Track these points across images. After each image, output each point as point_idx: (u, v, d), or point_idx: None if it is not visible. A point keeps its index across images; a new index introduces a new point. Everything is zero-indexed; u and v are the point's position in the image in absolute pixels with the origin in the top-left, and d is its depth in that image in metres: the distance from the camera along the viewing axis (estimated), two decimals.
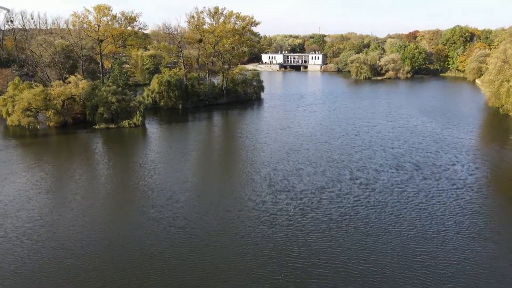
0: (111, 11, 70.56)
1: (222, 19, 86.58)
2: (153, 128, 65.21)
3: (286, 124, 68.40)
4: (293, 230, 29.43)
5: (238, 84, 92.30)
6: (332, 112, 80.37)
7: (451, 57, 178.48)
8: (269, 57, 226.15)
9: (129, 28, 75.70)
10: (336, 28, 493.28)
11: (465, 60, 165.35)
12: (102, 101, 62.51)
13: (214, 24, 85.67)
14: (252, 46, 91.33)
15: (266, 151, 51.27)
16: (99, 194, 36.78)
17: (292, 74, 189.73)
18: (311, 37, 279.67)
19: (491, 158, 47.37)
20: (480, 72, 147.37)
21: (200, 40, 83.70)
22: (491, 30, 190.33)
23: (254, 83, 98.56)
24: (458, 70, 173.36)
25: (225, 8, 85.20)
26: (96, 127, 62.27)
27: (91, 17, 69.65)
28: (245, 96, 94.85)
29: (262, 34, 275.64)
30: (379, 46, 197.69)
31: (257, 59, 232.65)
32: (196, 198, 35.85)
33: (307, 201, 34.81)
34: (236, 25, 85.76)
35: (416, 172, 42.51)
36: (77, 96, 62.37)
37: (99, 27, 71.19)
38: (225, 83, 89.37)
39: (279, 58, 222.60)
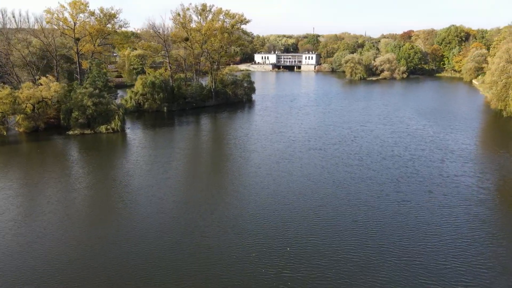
0: (88, 7, 65.32)
1: (210, 17, 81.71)
2: (133, 134, 60.17)
3: (278, 128, 63.78)
4: (281, 265, 24.75)
5: (227, 86, 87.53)
6: (326, 115, 75.93)
7: (447, 57, 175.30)
8: (262, 57, 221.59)
9: (109, 26, 70.34)
10: (330, 28, 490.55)
11: (461, 60, 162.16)
12: (77, 104, 57.35)
13: (201, 22, 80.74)
14: (242, 45, 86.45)
15: (255, 160, 46.58)
16: (57, 214, 31.80)
17: (286, 75, 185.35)
18: (305, 37, 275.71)
19: (501, 168, 43.14)
20: (477, 73, 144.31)
21: (187, 39, 78.73)
22: (486, 30, 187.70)
23: (245, 84, 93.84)
24: (454, 70, 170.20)
25: (213, 5, 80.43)
26: (70, 133, 57.11)
27: (66, 14, 64.42)
28: (235, 98, 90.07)
29: (255, 34, 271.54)
30: (373, 46, 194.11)
31: (250, 59, 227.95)
32: (170, 220, 31.02)
33: (298, 224, 30.16)
34: (225, 23, 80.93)
35: (420, 185, 38.09)
36: (49, 99, 57.11)
37: (75, 24, 65.87)
38: (213, 84, 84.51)
39: (272, 58, 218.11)
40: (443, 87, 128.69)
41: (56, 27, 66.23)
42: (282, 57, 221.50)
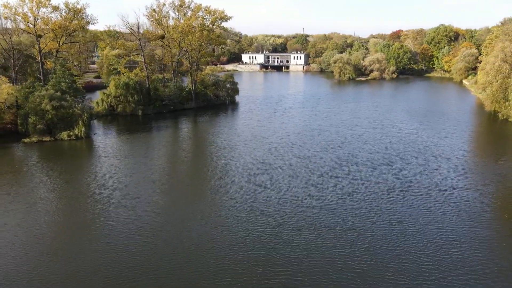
0: (50, 1, 59.33)
1: (189, 13, 76.28)
2: (100, 141, 54.48)
3: (259, 133, 58.76)
4: None
5: (208, 87, 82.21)
6: (312, 118, 71.22)
7: (436, 57, 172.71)
8: (250, 57, 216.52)
9: (75, 22, 64.32)
10: (319, 29, 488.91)
11: (450, 60, 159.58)
12: (34, 108, 51.50)
13: (180, 19, 75.30)
14: (222, 44, 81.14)
15: (230, 171, 41.49)
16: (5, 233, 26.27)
17: (274, 75, 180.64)
18: (294, 37, 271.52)
19: (504, 179, 38.83)
20: (467, 73, 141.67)
21: (162, 37, 73.23)
22: (475, 30, 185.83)
23: (228, 85, 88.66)
24: (443, 70, 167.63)
25: (192, 1, 75.00)
26: (26, 140, 51.19)
27: (26, 8, 58.31)
28: (217, 100, 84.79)
29: (243, 34, 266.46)
30: (362, 45, 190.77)
31: (237, 59, 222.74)
32: (114, 254, 25.75)
33: (275, 256, 25.18)
34: (204, 20, 75.64)
35: (415, 200, 33.45)
36: (2, 102, 51.13)
37: (36, 20, 59.86)
38: (193, 85, 79.11)
39: (260, 58, 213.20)
40: (434, 88, 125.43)
41: (14, 23, 60.12)
42: (270, 57, 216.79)
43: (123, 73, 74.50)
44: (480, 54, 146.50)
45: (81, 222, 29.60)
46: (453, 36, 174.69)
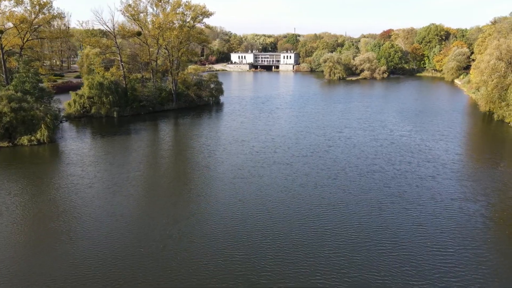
0: None
1: (169, 8, 71.73)
2: (66, 146, 49.70)
3: (241, 136, 54.59)
4: None
5: (190, 87, 77.76)
6: (299, 119, 67.29)
7: (427, 56, 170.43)
8: (239, 56, 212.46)
9: (40, 16, 59.47)
10: (311, 29, 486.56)
11: (442, 59, 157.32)
12: None
13: (159, 14, 70.69)
14: (204, 42, 76.72)
15: (203, 181, 37.22)
16: None
17: (263, 75, 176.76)
18: (285, 36, 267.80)
19: (505, 187, 35.18)
20: (459, 72, 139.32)
21: (139, 34, 68.60)
22: (466, 29, 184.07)
23: (212, 85, 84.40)
24: (435, 70, 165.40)
25: None
26: None
27: None
28: (200, 101, 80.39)
29: (233, 33, 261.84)
30: (353, 45, 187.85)
31: (226, 58, 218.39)
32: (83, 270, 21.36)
33: (242, 280, 21.03)
34: (185, 16, 71.19)
35: (408, 215, 29.54)
36: None
37: None
38: (173, 85, 74.60)
39: (250, 58, 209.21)
40: (426, 87, 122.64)
41: None
42: (260, 56, 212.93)
43: (98, 72, 69.71)
44: (472, 53, 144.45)
45: (33, 240, 25.11)
46: (444, 36, 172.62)
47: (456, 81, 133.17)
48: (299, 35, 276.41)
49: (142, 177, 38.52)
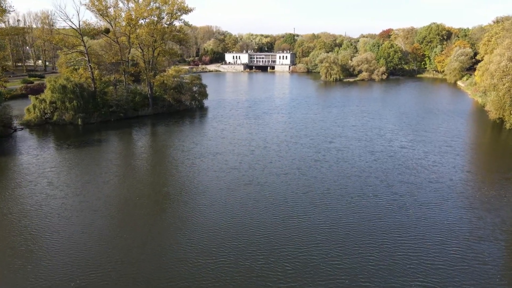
0: None
1: (145, 3, 64.53)
2: (15, 159, 42.58)
3: (216, 147, 47.46)
4: None
5: (168, 91, 70.57)
6: (287, 126, 60.21)
7: (428, 56, 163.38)
8: (234, 56, 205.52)
9: None
10: (310, 28, 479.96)
11: (443, 60, 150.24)
12: None
13: (131, 11, 63.49)
14: (182, 41, 69.51)
15: (156, 209, 30.04)
16: None
17: (258, 76, 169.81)
18: (283, 36, 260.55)
19: None
20: (461, 73, 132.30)
21: (107, 31, 61.49)
22: (468, 28, 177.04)
23: (194, 89, 77.33)
24: (436, 71, 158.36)
25: None
26: None
27: None
28: (180, 106, 73.25)
29: (231, 33, 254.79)
30: (351, 45, 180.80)
31: (221, 59, 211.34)
32: None
33: None
34: (161, 11, 64.03)
35: (409, 273, 22.41)
36: None
37: None
38: (149, 88, 67.46)
39: (244, 58, 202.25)
40: (427, 90, 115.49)
41: None
42: (255, 56, 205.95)
43: (62, 74, 62.64)
44: (475, 53, 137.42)
45: None
46: (445, 35, 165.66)
47: (459, 82, 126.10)
48: (297, 35, 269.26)
49: (87, 203, 31.27)
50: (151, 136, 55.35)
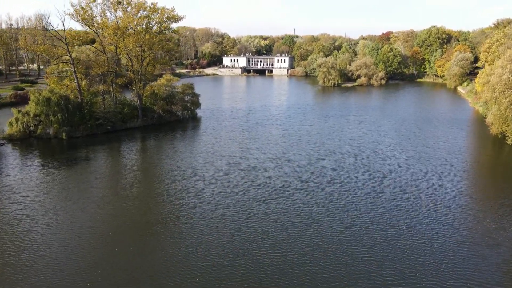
0: None
1: (132, 12, 62.31)
2: None
3: (203, 166, 45.13)
4: None
5: (157, 102, 68.25)
6: (280, 140, 57.93)
7: (428, 60, 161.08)
8: (231, 60, 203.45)
9: None
10: (311, 29, 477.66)
11: (443, 64, 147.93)
12: None
13: (117, 20, 61.18)
14: (170, 50, 67.25)
15: (137, 241, 27.75)
16: None
17: (256, 80, 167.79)
18: (282, 38, 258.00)
19: None
20: (462, 79, 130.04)
21: (93, 41, 59.27)
22: (469, 32, 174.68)
23: (186, 98, 75.09)
24: (436, 75, 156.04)
25: None
26: None
27: None
28: (171, 116, 71.00)
29: (230, 35, 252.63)
30: (350, 48, 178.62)
31: (219, 62, 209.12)
32: None
33: None
34: (150, 20, 61.77)
35: None
36: None
37: None
38: (138, 99, 65.23)
39: (242, 61, 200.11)
40: (426, 97, 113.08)
41: None
42: (253, 60, 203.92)
43: (47, 84, 60.47)
44: (476, 57, 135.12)
45: None
46: (445, 38, 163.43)
47: (459, 88, 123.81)
48: (297, 36, 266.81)
49: (56, 227, 29.00)
50: (137, 152, 53.06)
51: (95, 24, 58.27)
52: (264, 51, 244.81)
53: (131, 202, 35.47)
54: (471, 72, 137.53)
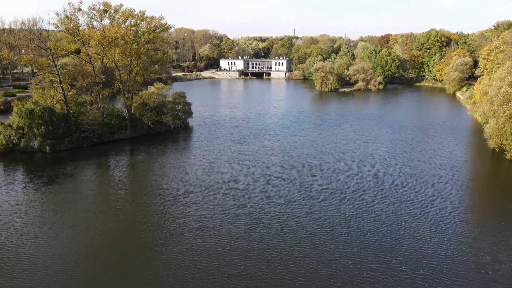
0: None
1: (120, 20, 60.49)
2: None
3: (187, 185, 43.29)
4: None
5: (146, 113, 66.31)
6: (272, 153, 56.12)
7: (427, 64, 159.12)
8: (229, 63, 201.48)
9: None
10: (311, 29, 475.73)
11: (442, 68, 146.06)
12: None
13: (104, 30, 59.29)
14: (159, 60, 65.44)
15: (113, 272, 25.97)
16: None
17: (253, 84, 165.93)
18: (281, 39, 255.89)
19: None
20: (461, 84, 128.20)
21: (78, 51, 57.44)
22: (468, 34, 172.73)
23: (178, 107, 73.22)
24: (435, 79, 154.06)
25: (122, 5, 59.11)
26: None
27: None
28: (161, 127, 69.23)
29: (229, 37, 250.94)
30: (348, 51, 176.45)
31: (216, 64, 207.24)
32: None
33: None
34: (138, 29, 59.96)
35: None
36: None
37: None
38: (126, 111, 63.40)
39: (240, 64, 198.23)
40: (425, 104, 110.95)
41: None
42: (251, 63, 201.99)
43: (31, 96, 58.64)
44: (475, 61, 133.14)
45: None
46: (444, 42, 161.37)
47: (458, 94, 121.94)
48: (296, 38, 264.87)
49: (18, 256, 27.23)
50: (122, 168, 51.23)
51: (81, 34, 56.41)
52: (262, 53, 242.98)
53: (109, 228, 33.65)
54: (470, 77, 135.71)
